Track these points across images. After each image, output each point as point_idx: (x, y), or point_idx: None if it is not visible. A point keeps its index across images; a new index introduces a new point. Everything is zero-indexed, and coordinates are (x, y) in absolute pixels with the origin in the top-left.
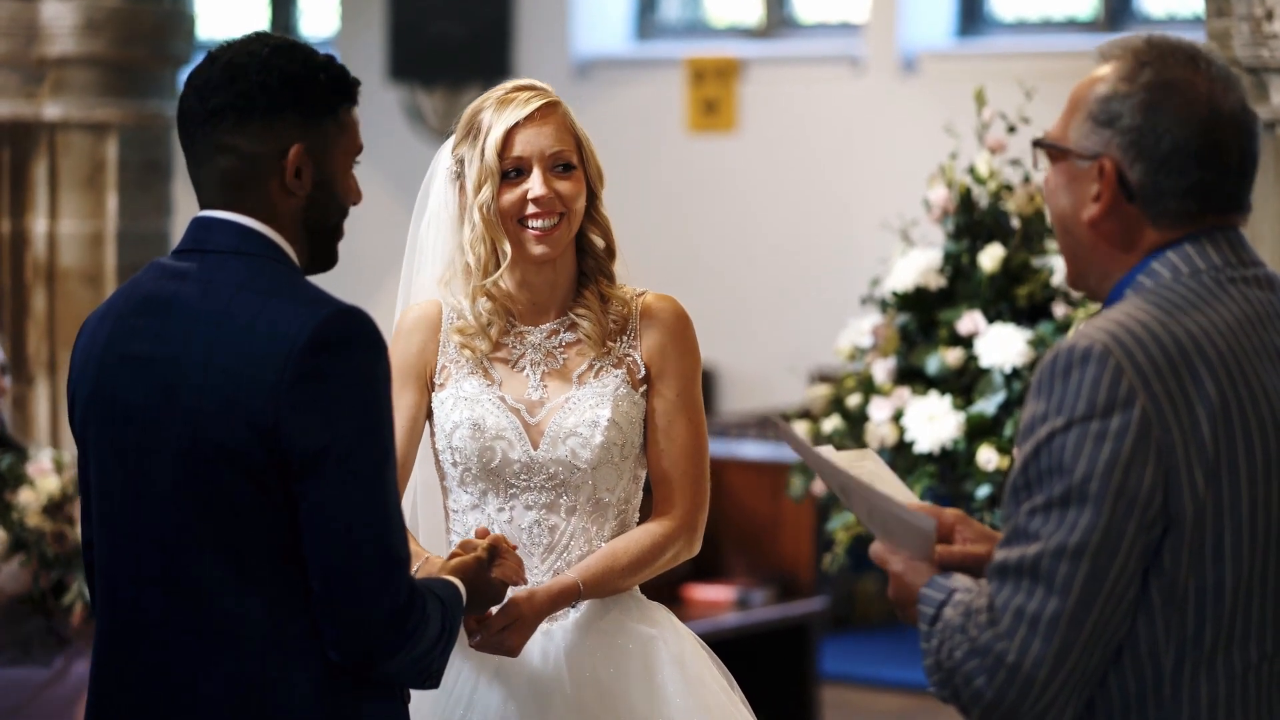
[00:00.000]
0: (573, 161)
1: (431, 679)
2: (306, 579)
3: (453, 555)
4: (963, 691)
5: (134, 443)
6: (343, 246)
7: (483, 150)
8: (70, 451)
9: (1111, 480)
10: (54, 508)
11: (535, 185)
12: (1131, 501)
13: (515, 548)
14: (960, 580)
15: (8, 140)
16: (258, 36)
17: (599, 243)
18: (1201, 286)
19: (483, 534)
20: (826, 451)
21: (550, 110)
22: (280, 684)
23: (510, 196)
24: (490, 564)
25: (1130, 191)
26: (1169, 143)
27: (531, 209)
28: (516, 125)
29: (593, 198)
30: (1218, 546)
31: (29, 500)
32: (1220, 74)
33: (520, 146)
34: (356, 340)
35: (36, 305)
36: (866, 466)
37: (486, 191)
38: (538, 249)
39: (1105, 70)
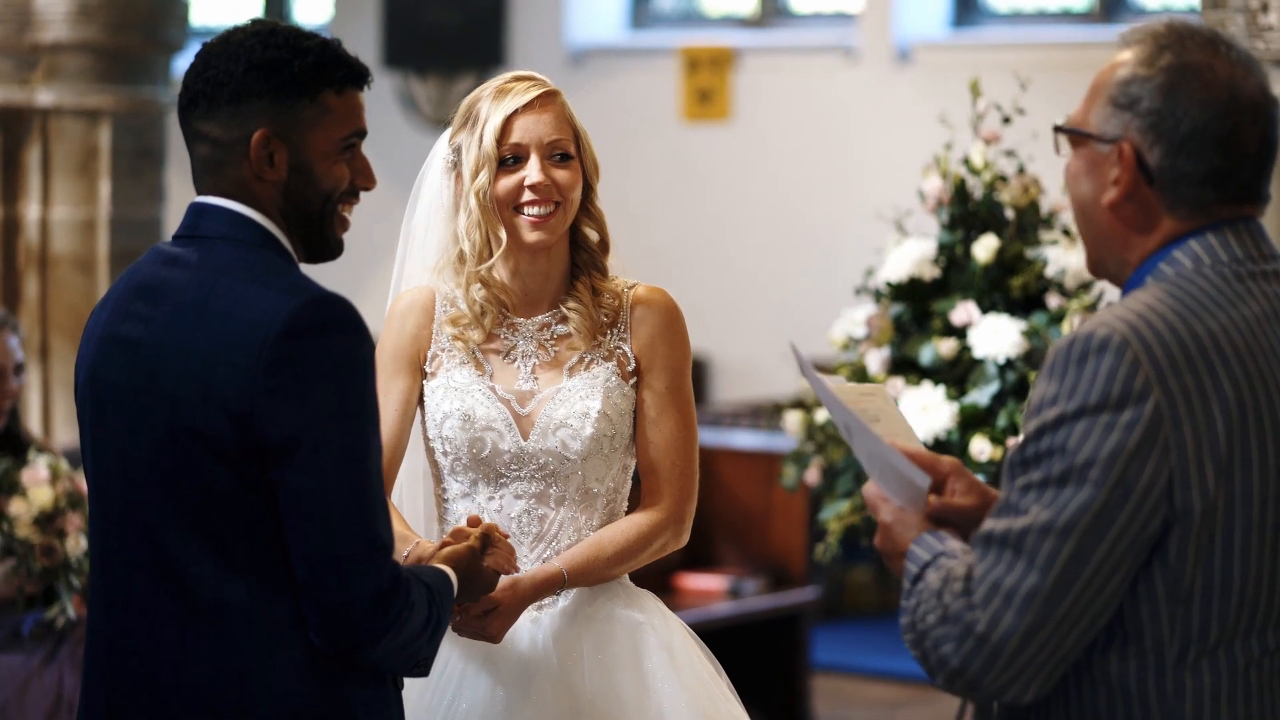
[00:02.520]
0: (570, 151)
1: (419, 667)
2: (290, 565)
3: (444, 544)
4: (930, 656)
5: (120, 426)
6: None
7: (481, 137)
8: (59, 446)
9: (1113, 470)
10: (45, 520)
11: (533, 172)
12: (1128, 491)
13: (507, 536)
14: (949, 543)
15: (1, 126)
16: (250, 24)
17: (593, 236)
18: (1222, 280)
19: (475, 522)
20: (836, 386)
21: (549, 100)
22: (264, 670)
23: (507, 183)
24: (483, 552)
25: (1149, 175)
26: (1188, 125)
27: (528, 196)
28: (515, 113)
29: (588, 190)
30: (1227, 543)
31: (20, 511)
32: (1240, 58)
33: (518, 134)
34: (333, 326)
35: (29, 291)
36: (875, 404)
37: (483, 177)
38: (533, 236)
39: (1126, 55)
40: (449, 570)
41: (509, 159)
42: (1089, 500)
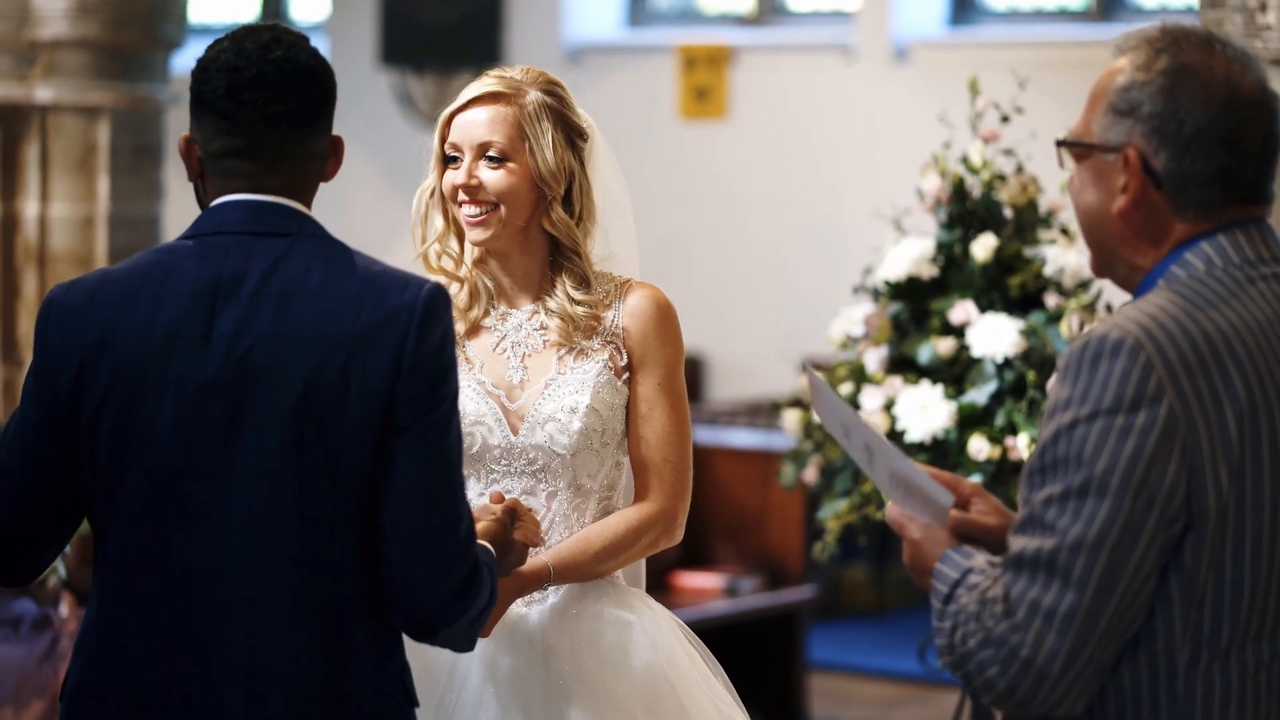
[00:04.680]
0: (505, 154)
1: (473, 644)
2: (370, 551)
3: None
4: (975, 678)
5: (209, 418)
6: (333, 228)
7: (435, 134)
8: None
9: (1133, 476)
10: None
11: (459, 173)
12: (1152, 497)
13: (530, 510)
14: (977, 559)
15: None
16: (283, 30)
17: (564, 240)
18: (1233, 281)
19: (498, 499)
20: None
21: (493, 99)
22: (368, 656)
23: (446, 181)
24: (511, 526)
25: (1157, 179)
26: (1191, 125)
27: (461, 195)
28: (456, 111)
29: (550, 198)
30: (1238, 545)
31: None
32: (1237, 56)
33: (455, 132)
34: (449, 312)
35: (27, 288)
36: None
37: (433, 175)
38: (471, 235)
39: (1122, 62)
40: (488, 546)
41: (451, 156)
42: (1114, 511)
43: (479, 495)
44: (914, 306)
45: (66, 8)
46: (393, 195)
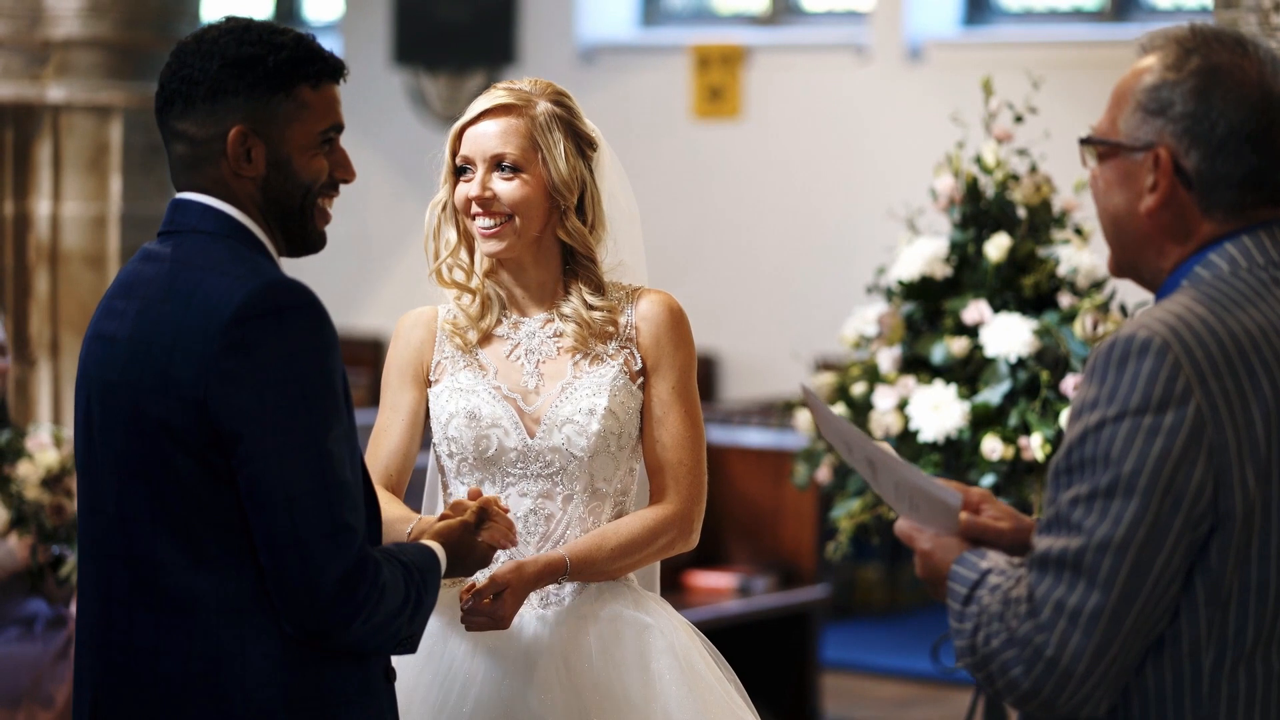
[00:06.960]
0: (518, 165)
1: (405, 644)
2: (241, 554)
3: (443, 516)
4: (998, 679)
5: (99, 419)
6: (346, 228)
7: (446, 146)
8: (69, 428)
9: (1160, 477)
10: (52, 480)
11: (472, 185)
12: (1179, 498)
13: (508, 510)
14: (993, 559)
15: (12, 122)
16: (224, 21)
17: (580, 249)
18: (1258, 282)
19: (474, 495)
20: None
21: (504, 111)
22: (237, 659)
23: (459, 193)
24: (478, 527)
25: (1187, 179)
26: (1224, 126)
27: (474, 208)
28: (468, 124)
29: (564, 207)
30: (1264, 547)
31: (28, 473)
32: (1267, 57)
33: (467, 145)
34: (288, 311)
35: (39, 287)
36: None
37: (444, 188)
38: (485, 246)
39: (1150, 61)
40: (435, 546)
41: (464, 169)
42: (1141, 511)
43: None
44: (927, 306)
45: (78, 7)
46: (406, 193)
